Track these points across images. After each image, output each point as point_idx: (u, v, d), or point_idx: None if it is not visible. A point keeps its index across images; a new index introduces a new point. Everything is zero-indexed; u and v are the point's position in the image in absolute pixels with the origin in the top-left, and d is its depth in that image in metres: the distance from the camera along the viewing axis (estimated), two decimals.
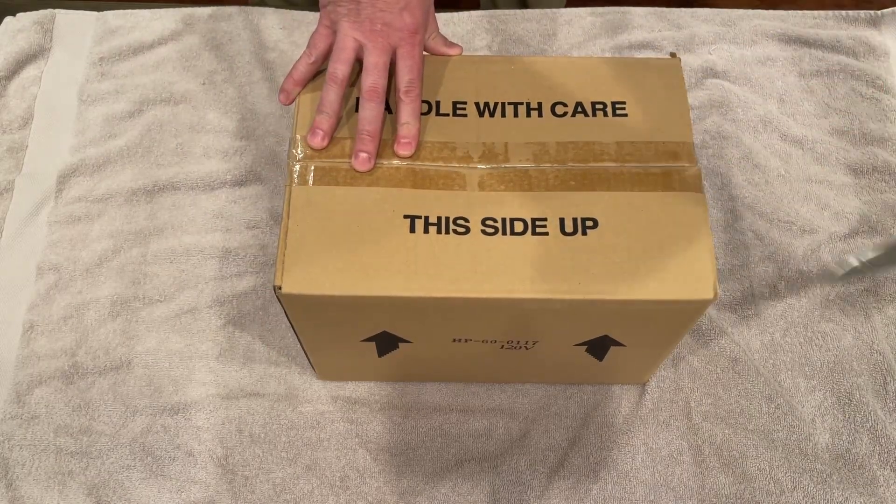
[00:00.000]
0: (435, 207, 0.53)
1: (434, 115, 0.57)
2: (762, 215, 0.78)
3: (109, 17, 0.90)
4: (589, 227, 0.53)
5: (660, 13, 0.90)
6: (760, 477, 0.67)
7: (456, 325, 0.57)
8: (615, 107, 0.58)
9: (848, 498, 0.66)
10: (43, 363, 0.71)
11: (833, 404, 0.70)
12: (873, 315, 0.74)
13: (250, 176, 0.80)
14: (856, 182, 0.80)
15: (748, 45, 0.88)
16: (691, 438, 0.69)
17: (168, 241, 0.77)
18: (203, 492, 0.67)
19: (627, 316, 0.54)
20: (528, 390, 0.71)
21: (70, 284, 0.75)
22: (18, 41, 0.87)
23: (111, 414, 0.70)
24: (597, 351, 0.61)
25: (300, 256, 0.51)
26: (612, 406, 0.70)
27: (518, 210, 0.53)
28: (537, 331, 0.58)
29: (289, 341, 0.73)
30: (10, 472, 0.67)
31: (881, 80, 0.85)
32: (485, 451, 0.69)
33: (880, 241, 0.75)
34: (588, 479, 0.68)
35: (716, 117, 0.83)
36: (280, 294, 0.51)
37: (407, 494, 0.67)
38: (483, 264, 0.51)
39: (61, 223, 0.78)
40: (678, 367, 0.72)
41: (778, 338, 0.73)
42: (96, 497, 0.66)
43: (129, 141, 0.82)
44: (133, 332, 0.73)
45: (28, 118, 0.84)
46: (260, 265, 0.76)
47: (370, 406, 0.70)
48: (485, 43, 0.88)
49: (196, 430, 0.69)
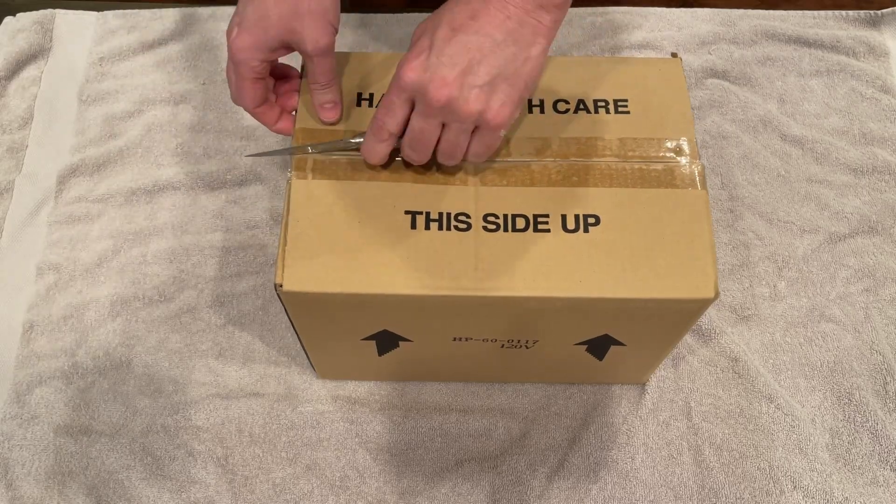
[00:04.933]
0: (436, 203, 0.53)
1: None
2: (762, 215, 0.78)
3: (109, 17, 0.90)
4: (591, 223, 0.53)
5: (660, 13, 0.90)
6: (760, 477, 0.67)
7: (456, 324, 0.57)
8: (617, 104, 0.58)
9: (848, 498, 0.66)
10: (43, 363, 0.71)
11: (833, 404, 0.70)
12: (873, 315, 0.74)
13: (250, 176, 0.80)
14: (856, 182, 0.80)
15: (748, 45, 0.88)
16: (691, 438, 0.69)
17: (168, 241, 0.77)
18: (203, 492, 0.67)
19: (628, 315, 0.54)
20: (528, 390, 0.71)
21: (70, 284, 0.75)
22: (18, 41, 0.87)
23: (111, 414, 0.70)
24: (597, 350, 0.61)
25: (301, 254, 0.51)
26: (612, 406, 0.70)
27: (520, 206, 0.53)
28: (538, 329, 0.57)
29: (289, 341, 0.73)
30: (10, 472, 0.67)
31: (881, 80, 0.85)
32: (485, 451, 0.69)
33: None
34: (588, 479, 0.67)
35: (716, 117, 0.83)
36: (280, 292, 0.51)
37: (407, 494, 0.67)
38: (484, 261, 0.51)
39: (61, 223, 0.78)
40: (678, 367, 0.72)
41: (778, 338, 0.73)
42: (96, 497, 0.66)
43: (129, 141, 0.82)
44: (133, 332, 0.73)
45: (28, 118, 0.84)
46: (260, 265, 0.76)
47: (370, 406, 0.70)
48: None
49: (196, 430, 0.69)
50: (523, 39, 0.48)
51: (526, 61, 0.48)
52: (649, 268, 0.51)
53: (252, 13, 0.52)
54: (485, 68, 0.47)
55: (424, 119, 0.49)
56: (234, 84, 0.55)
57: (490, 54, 0.47)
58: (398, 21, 0.90)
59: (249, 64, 0.53)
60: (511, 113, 0.49)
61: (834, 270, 0.76)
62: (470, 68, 0.47)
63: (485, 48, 0.47)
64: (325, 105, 0.56)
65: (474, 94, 0.47)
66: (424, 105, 0.48)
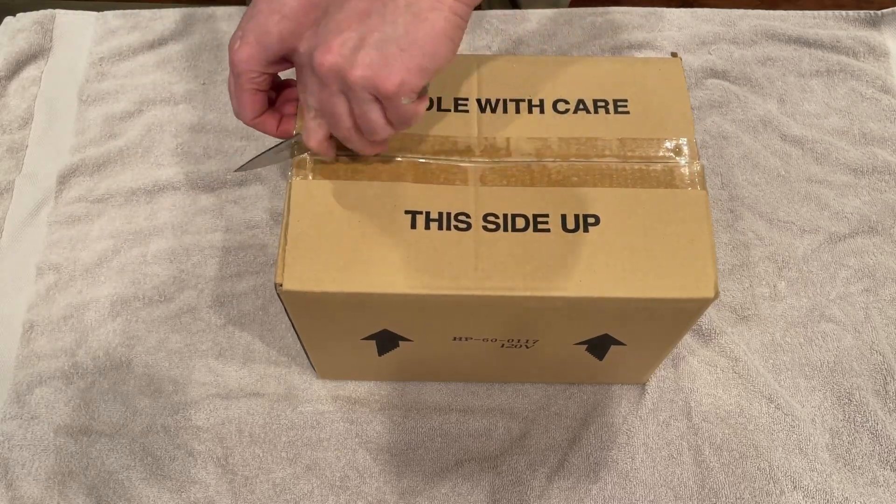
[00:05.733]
0: (436, 203, 0.53)
1: (435, 111, 0.57)
2: (762, 215, 0.78)
3: (109, 17, 0.90)
4: (591, 223, 0.53)
5: (660, 13, 0.90)
6: (760, 477, 0.67)
7: (456, 323, 0.57)
8: (617, 104, 0.58)
9: (848, 498, 0.66)
10: (43, 363, 0.71)
11: (833, 404, 0.70)
12: (873, 315, 0.74)
13: (250, 176, 0.80)
14: (856, 182, 0.80)
15: (748, 45, 0.88)
16: (691, 438, 0.69)
17: (168, 241, 0.77)
18: (203, 492, 0.67)
19: (628, 314, 0.54)
20: (528, 390, 0.71)
21: (70, 284, 0.75)
22: (18, 41, 0.87)
23: (111, 414, 0.70)
24: (597, 350, 0.61)
25: (301, 253, 0.51)
26: (612, 406, 0.70)
27: (520, 205, 0.53)
28: (537, 329, 0.58)
29: (289, 341, 0.73)
30: (10, 472, 0.67)
31: (881, 80, 0.85)
32: (485, 451, 0.69)
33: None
34: (588, 479, 0.67)
35: (716, 117, 0.83)
36: (280, 291, 0.51)
37: (407, 494, 0.67)
38: (484, 261, 0.51)
39: (61, 223, 0.78)
40: (678, 367, 0.72)
41: (778, 338, 0.73)
42: (96, 497, 0.66)
43: (129, 141, 0.82)
44: (133, 332, 0.73)
45: (28, 118, 0.84)
46: (260, 265, 0.76)
47: (370, 406, 0.70)
48: (484, 43, 0.88)
49: (196, 430, 0.69)
50: (421, 3, 0.45)
51: (421, 25, 0.45)
52: (649, 268, 0.51)
53: (254, 28, 0.52)
54: (372, 33, 0.45)
55: (323, 90, 0.48)
56: (234, 95, 0.56)
57: (378, 18, 0.45)
58: None
59: (249, 75, 0.54)
60: (402, 79, 0.45)
61: (834, 270, 0.76)
62: (355, 33, 0.45)
63: (374, 12, 0.45)
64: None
65: (359, 58, 0.45)
66: (317, 75, 0.47)
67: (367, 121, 0.49)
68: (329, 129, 0.51)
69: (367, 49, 0.45)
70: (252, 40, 0.52)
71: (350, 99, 0.48)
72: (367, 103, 0.48)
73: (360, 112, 0.49)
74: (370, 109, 0.48)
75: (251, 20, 0.52)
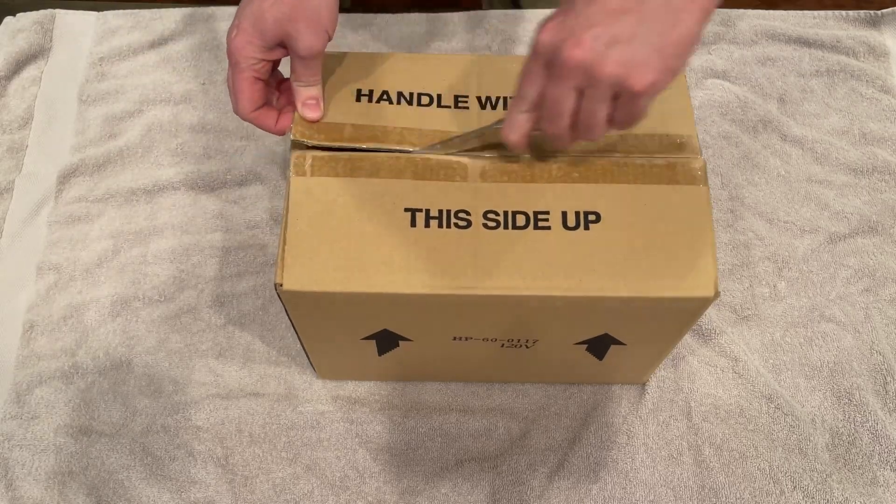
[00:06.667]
0: (436, 200, 0.53)
1: (436, 107, 0.57)
2: (762, 215, 0.78)
3: (109, 17, 0.90)
4: (591, 221, 0.53)
5: None
6: (760, 477, 0.67)
7: (456, 323, 0.57)
8: None
9: (848, 498, 0.66)
10: (43, 363, 0.71)
11: (833, 404, 0.70)
12: (873, 315, 0.74)
13: (250, 176, 0.80)
14: (856, 182, 0.80)
15: (748, 45, 0.88)
16: (691, 438, 0.69)
17: (168, 242, 0.77)
18: (203, 492, 0.67)
19: (628, 313, 0.54)
20: (527, 390, 0.71)
21: (70, 284, 0.75)
22: (18, 41, 0.87)
23: (111, 414, 0.70)
24: (597, 350, 0.61)
25: (300, 253, 0.51)
26: (612, 406, 0.70)
27: (520, 203, 0.53)
28: (538, 328, 0.57)
29: (289, 341, 0.73)
30: (10, 472, 0.67)
31: (881, 80, 0.85)
32: (485, 451, 0.69)
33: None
34: (588, 479, 0.67)
35: (716, 117, 0.83)
36: (280, 291, 0.51)
37: (407, 494, 0.67)
38: (484, 259, 0.51)
39: (61, 223, 0.78)
40: (678, 367, 0.72)
41: (778, 338, 0.73)
42: (96, 497, 0.66)
43: (129, 141, 0.82)
44: (133, 332, 0.73)
45: (28, 118, 0.84)
46: (260, 265, 0.76)
47: (370, 406, 0.70)
48: (484, 43, 0.88)
49: (196, 430, 0.69)
50: (674, 3, 0.44)
51: (675, 26, 0.44)
52: (650, 266, 0.51)
53: (249, 15, 0.53)
54: (625, 29, 0.43)
55: (558, 84, 0.46)
56: (233, 87, 0.56)
57: (633, 16, 0.43)
58: (398, 21, 0.90)
59: (247, 62, 0.54)
60: (654, 80, 0.44)
61: (834, 270, 0.76)
62: (609, 29, 0.43)
63: (628, 8, 0.43)
64: (307, 102, 0.56)
65: (612, 55, 0.43)
66: (558, 68, 0.45)
67: (593, 118, 0.47)
68: (536, 123, 0.50)
69: (621, 46, 0.43)
70: (247, 26, 0.53)
71: (586, 95, 0.46)
72: (603, 101, 0.46)
73: (590, 109, 0.47)
74: (601, 108, 0.47)
75: (245, 8, 0.53)
